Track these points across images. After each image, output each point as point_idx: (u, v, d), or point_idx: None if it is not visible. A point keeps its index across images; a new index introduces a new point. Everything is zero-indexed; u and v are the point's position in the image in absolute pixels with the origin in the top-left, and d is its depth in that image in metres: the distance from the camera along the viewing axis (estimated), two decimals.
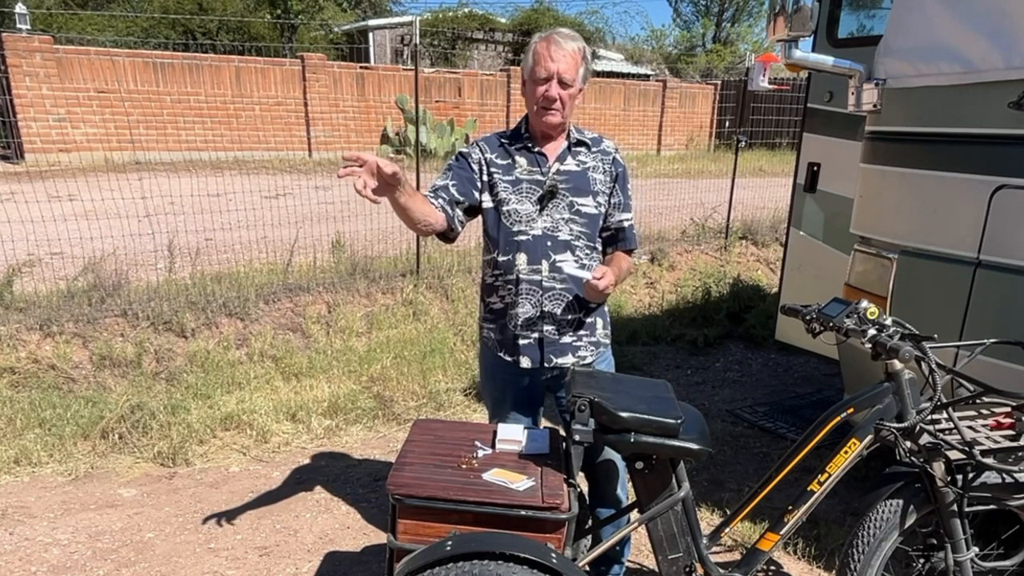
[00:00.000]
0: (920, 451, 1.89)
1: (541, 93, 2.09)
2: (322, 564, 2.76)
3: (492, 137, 2.26)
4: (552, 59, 2.06)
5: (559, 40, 2.08)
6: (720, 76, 22.32)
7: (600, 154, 2.25)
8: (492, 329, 2.28)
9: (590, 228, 2.21)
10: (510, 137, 2.23)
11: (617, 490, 2.36)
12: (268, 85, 13.33)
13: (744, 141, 8.13)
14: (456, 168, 2.20)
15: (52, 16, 18.53)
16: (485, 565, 1.60)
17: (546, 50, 2.07)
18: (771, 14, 2.47)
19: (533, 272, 2.17)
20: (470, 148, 2.24)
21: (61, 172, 8.66)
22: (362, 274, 5.29)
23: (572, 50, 2.08)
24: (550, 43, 2.08)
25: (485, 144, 2.23)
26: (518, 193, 2.17)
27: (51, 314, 4.20)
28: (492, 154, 2.20)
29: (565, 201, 2.17)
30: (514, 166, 2.19)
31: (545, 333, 2.20)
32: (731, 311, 5.84)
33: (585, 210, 2.19)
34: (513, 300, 2.19)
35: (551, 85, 2.08)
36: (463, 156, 2.22)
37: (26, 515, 3.01)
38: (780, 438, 3.90)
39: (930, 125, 2.51)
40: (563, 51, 2.07)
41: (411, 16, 15.82)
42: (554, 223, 2.17)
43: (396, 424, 3.97)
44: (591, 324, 2.28)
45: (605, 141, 2.29)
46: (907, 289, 2.55)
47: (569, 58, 2.07)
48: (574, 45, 2.10)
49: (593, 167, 2.23)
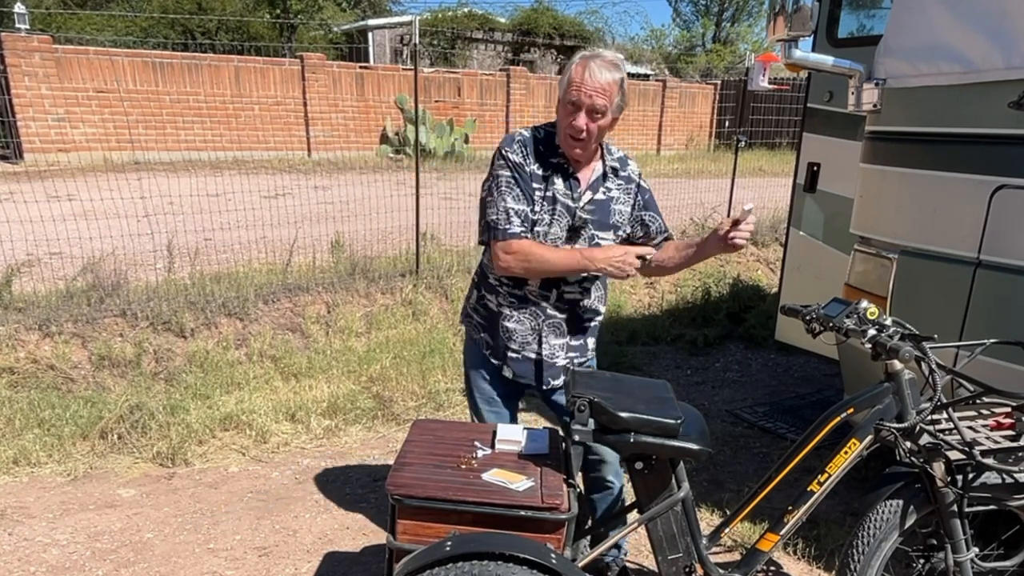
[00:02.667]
0: (920, 451, 1.89)
1: (569, 122, 2.02)
2: (321, 564, 2.75)
3: (531, 140, 2.12)
4: (585, 87, 1.97)
5: (596, 68, 1.97)
6: (720, 76, 22.32)
7: (624, 181, 2.22)
8: (481, 326, 2.28)
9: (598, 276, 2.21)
10: (546, 146, 2.13)
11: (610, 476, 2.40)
12: (267, 85, 13.33)
13: (744, 141, 8.14)
14: (522, 183, 2.08)
15: (51, 16, 18.53)
16: (484, 565, 1.59)
17: (581, 76, 1.97)
18: (771, 14, 2.47)
19: (541, 297, 2.18)
20: (521, 157, 2.09)
21: (60, 172, 8.65)
22: (361, 274, 5.28)
23: (608, 81, 1.98)
24: (586, 69, 1.97)
25: (531, 151, 2.10)
26: (551, 214, 2.12)
27: (50, 314, 4.20)
28: (534, 165, 2.10)
29: (588, 234, 2.15)
30: (553, 181, 2.11)
31: (543, 356, 2.22)
32: (731, 311, 5.83)
33: (604, 243, 2.18)
34: (511, 314, 2.19)
35: (580, 115, 2.00)
36: (520, 168, 2.08)
37: (25, 515, 3.00)
38: (780, 438, 3.90)
39: (930, 125, 2.51)
40: (597, 82, 1.97)
41: (410, 16, 15.79)
42: None
43: (395, 424, 3.97)
44: (582, 346, 2.31)
45: (630, 164, 2.25)
46: (907, 289, 2.55)
47: (604, 89, 1.98)
48: (611, 76, 1.98)
49: (617, 198, 2.20)
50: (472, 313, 2.32)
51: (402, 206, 6.17)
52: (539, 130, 2.16)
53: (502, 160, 2.10)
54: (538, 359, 2.22)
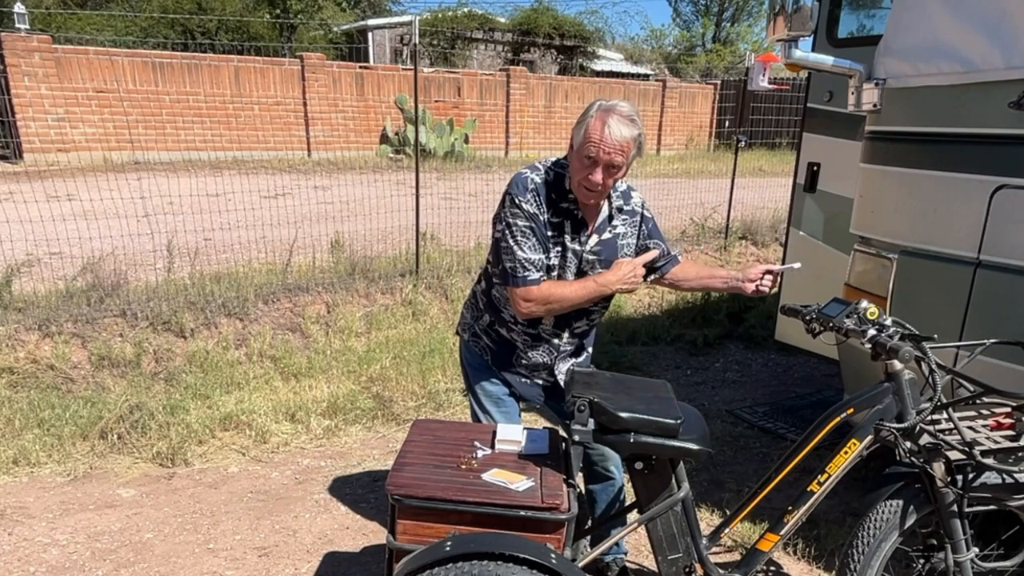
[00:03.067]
0: (920, 451, 1.89)
1: (584, 175, 2.01)
2: (321, 564, 2.75)
3: (544, 186, 2.09)
4: (604, 145, 1.96)
5: (615, 125, 1.95)
6: (720, 76, 22.33)
7: (629, 215, 2.23)
8: (490, 350, 2.31)
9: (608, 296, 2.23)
10: (557, 191, 2.11)
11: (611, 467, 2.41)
12: (267, 85, 13.32)
13: (744, 141, 8.14)
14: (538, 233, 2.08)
15: (51, 16, 18.52)
16: (484, 566, 1.59)
17: (600, 133, 1.96)
18: (771, 14, 2.47)
19: (554, 335, 2.22)
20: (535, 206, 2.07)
21: (60, 172, 8.65)
22: (361, 274, 5.28)
23: (627, 139, 1.97)
24: (605, 126, 1.95)
25: (542, 199, 2.09)
26: (561, 258, 2.14)
27: (50, 314, 4.20)
28: (547, 213, 2.10)
29: (594, 273, 2.17)
30: (563, 229, 2.12)
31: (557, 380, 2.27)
32: (731, 311, 5.83)
33: None
34: (525, 351, 2.25)
35: (597, 171, 1.99)
36: (535, 219, 2.07)
37: (25, 515, 3.00)
38: (780, 438, 3.90)
39: (930, 125, 2.51)
40: (616, 141, 1.96)
41: (410, 16, 15.78)
42: None
43: (395, 424, 3.97)
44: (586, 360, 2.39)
45: (633, 197, 2.26)
46: (907, 289, 2.54)
47: (622, 148, 1.98)
48: (629, 134, 1.98)
49: (623, 233, 2.22)
50: (481, 335, 2.32)
51: (402, 206, 6.17)
52: (549, 172, 2.12)
53: (516, 209, 2.07)
54: (547, 385, 2.30)
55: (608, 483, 2.44)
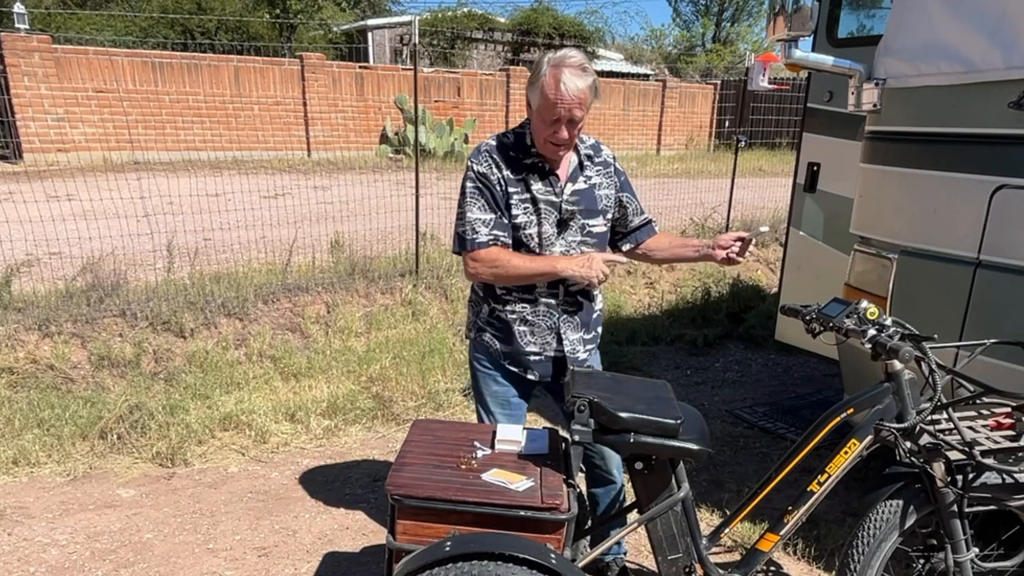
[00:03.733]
0: (920, 451, 1.89)
1: (550, 133, 2.03)
2: (321, 564, 2.75)
3: (499, 147, 2.14)
4: (562, 103, 1.97)
5: (568, 81, 1.95)
6: (720, 76, 22.33)
7: (601, 166, 2.24)
8: (497, 338, 2.26)
9: (599, 247, 2.23)
10: (516, 147, 2.14)
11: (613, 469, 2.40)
12: (267, 85, 13.32)
13: (744, 141, 8.15)
14: (487, 193, 2.11)
15: (51, 16, 18.52)
16: (484, 566, 1.59)
17: (555, 92, 1.96)
18: (771, 14, 2.47)
19: (550, 295, 2.19)
20: (486, 167, 2.11)
21: (59, 172, 8.65)
22: (361, 274, 5.28)
23: (582, 90, 1.98)
24: (559, 82, 1.96)
25: (499, 159, 2.12)
26: (536, 214, 2.13)
27: (49, 314, 4.20)
28: (507, 170, 2.11)
29: (578, 224, 2.17)
30: (529, 183, 2.12)
31: (566, 353, 2.23)
32: (731, 311, 5.83)
33: (596, 230, 2.21)
34: (527, 318, 2.21)
35: (561, 128, 2.01)
36: (484, 177, 2.11)
37: (24, 515, 3.00)
38: (780, 438, 3.90)
39: (930, 125, 2.51)
40: (572, 94, 1.96)
41: (410, 16, 15.78)
42: (568, 246, 2.17)
43: (395, 424, 3.97)
44: (595, 336, 2.35)
45: (603, 149, 2.28)
46: (907, 289, 2.54)
47: (579, 100, 1.98)
48: (584, 84, 1.98)
49: (599, 183, 2.22)
50: (486, 327, 2.30)
51: (402, 206, 6.17)
52: (507, 135, 2.17)
53: (468, 172, 2.14)
54: (560, 356, 2.24)
55: (610, 487, 2.43)
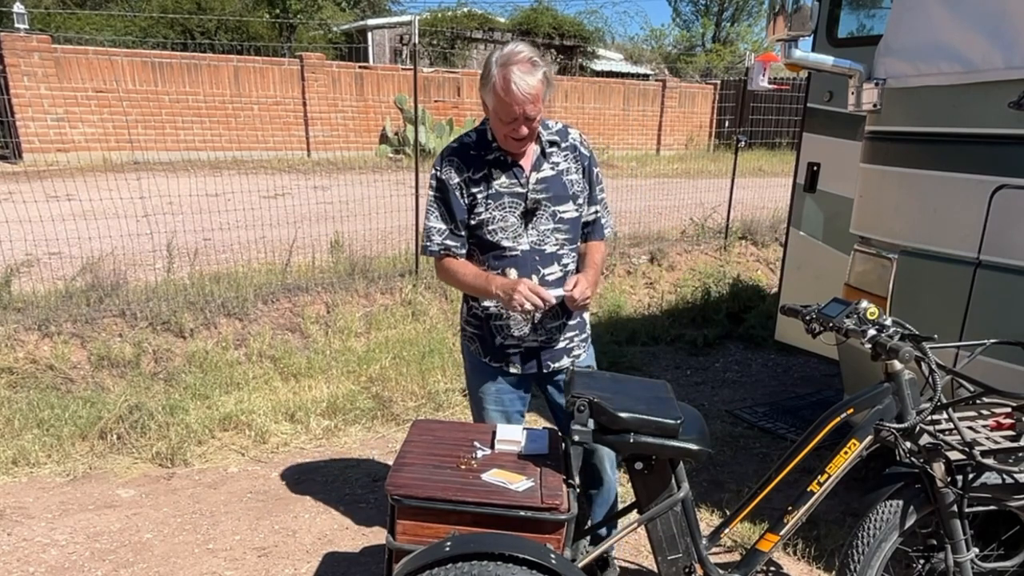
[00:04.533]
0: (920, 452, 1.89)
1: (508, 131, 2.01)
2: (321, 565, 2.75)
3: (460, 148, 2.14)
4: (514, 103, 1.94)
5: (519, 80, 1.92)
6: (720, 76, 22.32)
7: (569, 150, 2.20)
8: (476, 336, 2.27)
9: (572, 232, 2.21)
10: (478, 144, 2.14)
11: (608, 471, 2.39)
12: (267, 85, 13.32)
13: (744, 141, 8.14)
14: (442, 202, 2.14)
15: (50, 15, 18.52)
16: (484, 566, 1.59)
17: (507, 91, 1.93)
18: (771, 13, 2.47)
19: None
20: (444, 172, 2.13)
21: (59, 172, 8.64)
22: (361, 274, 5.28)
23: (533, 87, 1.94)
24: (509, 83, 1.92)
25: (459, 161, 2.13)
26: (501, 208, 2.12)
27: (49, 314, 4.20)
28: (468, 172, 2.11)
29: (548, 212, 2.15)
30: (491, 179, 2.11)
31: (541, 343, 2.21)
32: (731, 311, 5.83)
33: (567, 216, 2.18)
34: (501, 312, 2.18)
35: (517, 126, 1.99)
36: (442, 185, 2.13)
37: (24, 516, 3.00)
38: (780, 439, 3.89)
39: (930, 125, 2.51)
40: (524, 92, 1.93)
41: (410, 15, 15.77)
42: (540, 236, 2.15)
43: (395, 424, 3.97)
44: (581, 323, 2.32)
45: (571, 132, 2.23)
46: (907, 289, 2.54)
47: (531, 97, 1.95)
48: (534, 80, 1.94)
49: (566, 168, 2.18)
50: (466, 325, 2.31)
51: (401, 206, 6.17)
52: (470, 134, 2.18)
53: (432, 180, 2.16)
54: (536, 347, 2.22)
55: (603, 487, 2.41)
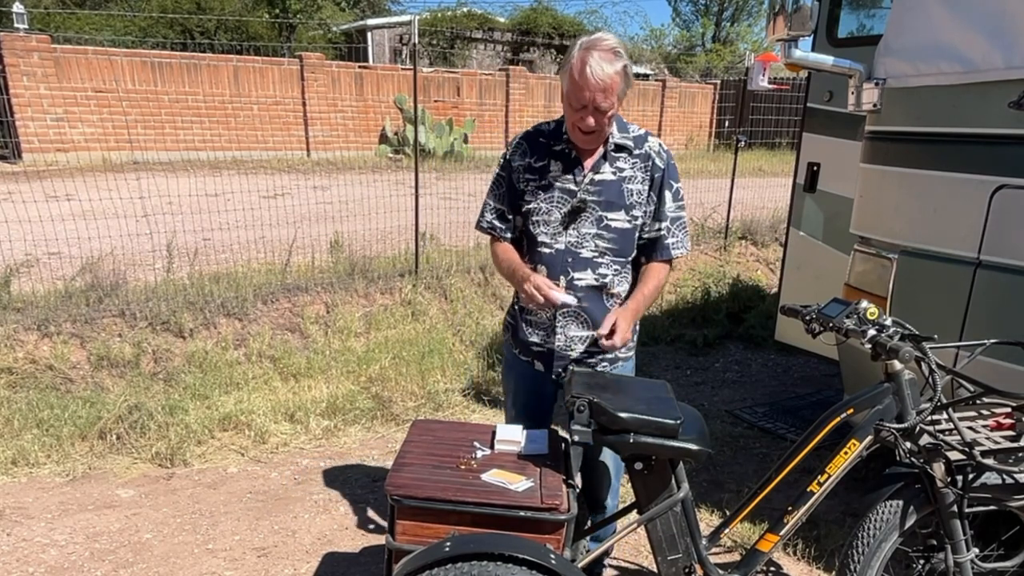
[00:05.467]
0: (920, 452, 1.89)
1: (576, 120, 1.97)
2: (320, 565, 2.75)
3: (533, 133, 2.15)
4: (588, 88, 1.89)
5: (595, 65, 1.87)
6: (719, 76, 22.32)
7: (640, 158, 2.09)
8: (510, 325, 2.29)
9: (619, 243, 2.10)
10: (552, 134, 2.12)
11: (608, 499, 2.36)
12: (266, 85, 13.31)
13: (744, 141, 8.13)
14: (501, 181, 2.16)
15: (50, 15, 18.52)
16: (484, 566, 1.59)
17: (580, 76, 1.89)
18: (771, 13, 2.47)
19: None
20: (512, 152, 2.14)
21: (59, 172, 8.64)
22: (360, 274, 5.28)
23: (610, 76, 1.88)
24: (585, 67, 1.88)
25: (527, 146, 2.13)
26: (548, 201, 2.08)
27: (48, 314, 4.19)
28: (531, 158, 2.11)
29: (594, 215, 2.07)
30: (548, 169, 2.09)
31: (556, 347, 2.15)
32: (731, 311, 5.83)
33: (616, 225, 2.08)
34: (529, 308, 2.17)
35: (586, 115, 1.94)
36: (506, 165, 2.15)
37: (24, 516, 3.00)
38: (780, 439, 3.89)
39: (930, 125, 2.51)
40: (598, 81, 1.88)
41: (410, 15, 15.77)
42: (579, 238, 2.08)
43: (395, 424, 3.97)
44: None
45: (650, 140, 2.12)
46: (907, 289, 2.54)
47: (605, 88, 1.89)
48: (612, 70, 1.88)
49: (630, 176, 2.08)
50: (508, 317, 2.32)
51: (401, 206, 6.17)
52: (550, 123, 2.15)
53: (500, 158, 2.20)
54: (558, 350, 2.16)
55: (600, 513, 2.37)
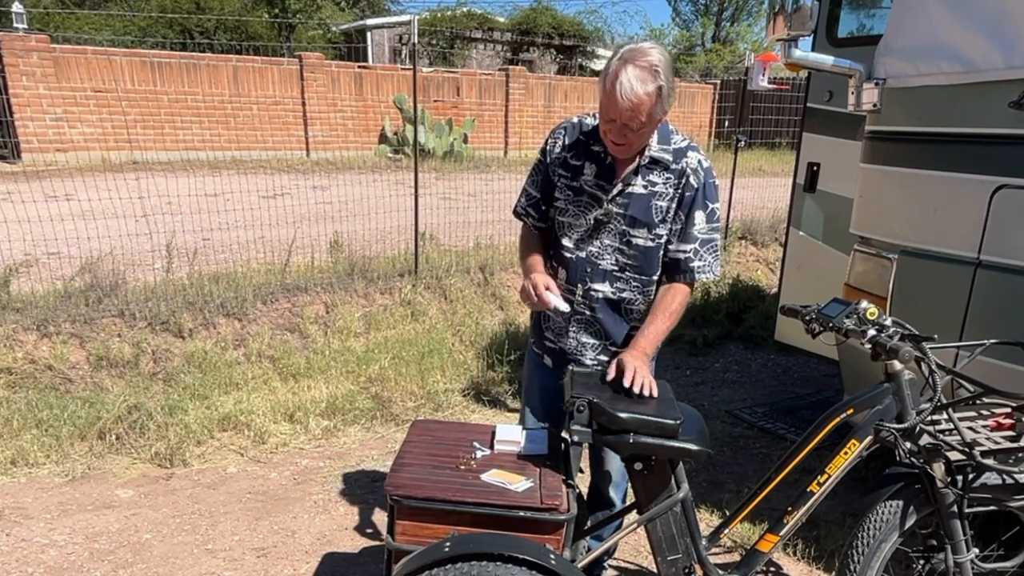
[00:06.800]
0: (920, 452, 1.89)
1: (606, 130, 1.92)
2: (320, 565, 2.75)
3: (577, 126, 2.07)
4: (616, 105, 1.80)
5: (626, 82, 1.78)
6: (719, 76, 22.32)
7: (675, 174, 2.00)
8: (532, 320, 2.31)
9: (641, 260, 2.05)
10: (592, 133, 2.03)
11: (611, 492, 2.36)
12: (266, 84, 13.30)
13: (743, 141, 8.13)
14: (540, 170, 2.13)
15: (49, 15, 18.53)
16: (484, 566, 1.59)
17: (612, 91, 1.80)
18: (771, 13, 2.47)
19: (567, 292, 2.11)
20: (552, 142, 2.09)
21: (58, 172, 8.63)
22: (360, 274, 5.27)
23: (640, 97, 1.79)
24: (616, 83, 1.78)
25: (568, 138, 2.06)
26: (576, 204, 2.04)
27: (48, 314, 4.19)
28: (569, 152, 2.05)
29: (618, 229, 2.02)
30: (582, 171, 2.03)
31: (568, 348, 2.17)
32: (730, 311, 5.83)
33: (638, 243, 2.03)
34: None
35: (615, 128, 1.87)
36: (546, 152, 2.10)
37: (23, 516, 2.99)
38: (779, 439, 3.89)
39: (930, 125, 2.51)
40: (627, 100, 1.78)
41: (409, 15, 15.78)
42: (601, 249, 2.05)
43: (394, 425, 3.96)
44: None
45: (689, 155, 2.01)
46: (907, 289, 2.54)
47: (634, 109, 1.80)
48: (643, 90, 1.78)
49: (661, 193, 2.00)
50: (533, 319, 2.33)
51: (401, 206, 6.16)
52: (594, 117, 2.06)
53: (543, 143, 2.15)
54: (567, 352, 2.17)
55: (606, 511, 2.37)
